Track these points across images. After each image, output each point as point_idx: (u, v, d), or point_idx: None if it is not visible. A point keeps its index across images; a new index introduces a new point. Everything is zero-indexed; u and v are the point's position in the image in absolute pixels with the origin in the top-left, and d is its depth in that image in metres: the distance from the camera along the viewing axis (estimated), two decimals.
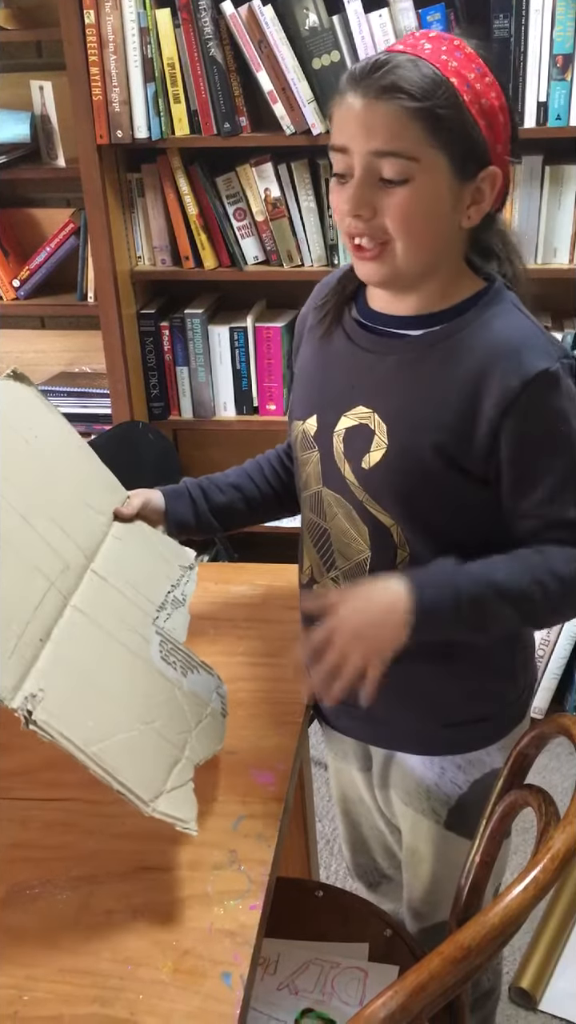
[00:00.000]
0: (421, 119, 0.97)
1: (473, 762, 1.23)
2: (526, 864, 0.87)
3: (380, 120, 0.98)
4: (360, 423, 1.10)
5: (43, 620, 1.01)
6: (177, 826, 0.98)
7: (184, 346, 2.34)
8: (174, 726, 1.06)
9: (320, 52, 2.00)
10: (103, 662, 1.05)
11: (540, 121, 1.99)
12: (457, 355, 1.05)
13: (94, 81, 2.05)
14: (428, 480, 1.07)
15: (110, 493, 1.25)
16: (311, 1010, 1.21)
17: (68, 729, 0.95)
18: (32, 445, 1.16)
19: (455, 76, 0.99)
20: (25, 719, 0.93)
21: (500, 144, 1.03)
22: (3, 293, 2.40)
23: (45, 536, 1.08)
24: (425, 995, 0.81)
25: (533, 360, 1.01)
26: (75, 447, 1.25)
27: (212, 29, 2.01)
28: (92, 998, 0.92)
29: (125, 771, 0.96)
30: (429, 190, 1.00)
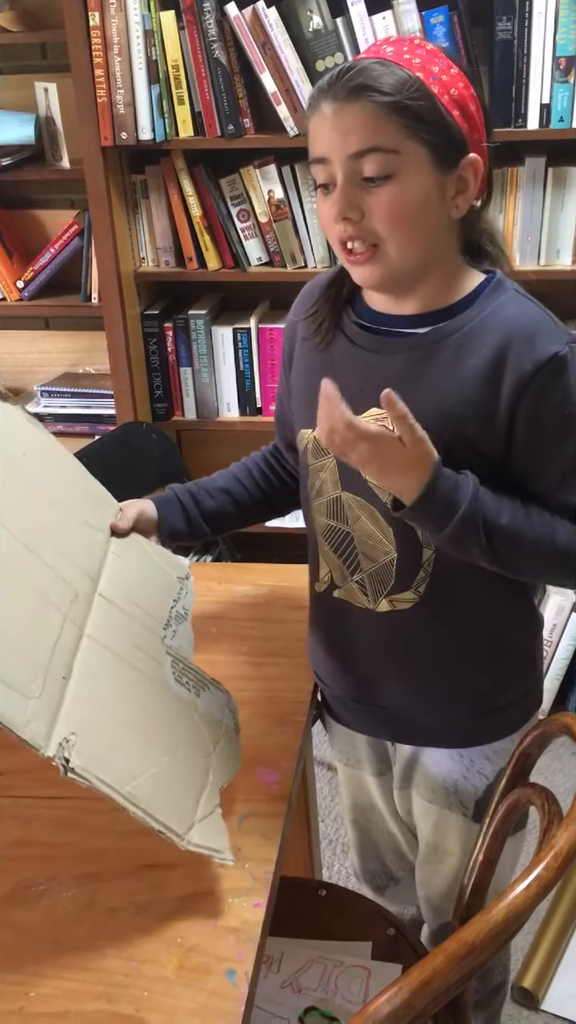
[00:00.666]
0: (395, 112, 0.98)
1: (500, 752, 1.23)
2: (529, 862, 0.87)
3: (355, 120, 0.99)
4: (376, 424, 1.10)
5: (63, 656, 0.99)
6: (214, 857, 0.98)
7: (188, 347, 2.35)
8: (196, 751, 1.06)
9: (324, 54, 2.00)
10: (124, 693, 1.04)
11: (543, 123, 2.00)
12: (469, 346, 1.06)
13: (98, 83, 2.06)
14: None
15: (103, 507, 1.24)
16: (314, 1008, 1.22)
17: (103, 771, 0.93)
18: (24, 466, 1.14)
19: (420, 71, 1.00)
20: (63, 768, 0.90)
21: (477, 132, 1.04)
22: (7, 294, 2.41)
23: (51, 564, 1.05)
24: (429, 991, 0.81)
25: (545, 344, 1.03)
26: (64, 462, 1.23)
27: (216, 31, 2.01)
28: (97, 995, 0.92)
29: (159, 807, 0.96)
30: (414, 184, 1.01)
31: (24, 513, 1.07)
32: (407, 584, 1.14)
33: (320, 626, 1.27)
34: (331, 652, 1.26)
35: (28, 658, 0.94)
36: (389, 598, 1.15)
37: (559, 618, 2.30)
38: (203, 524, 1.30)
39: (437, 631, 1.16)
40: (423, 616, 1.15)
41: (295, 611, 1.36)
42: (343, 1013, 1.21)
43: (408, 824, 1.37)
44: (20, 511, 1.07)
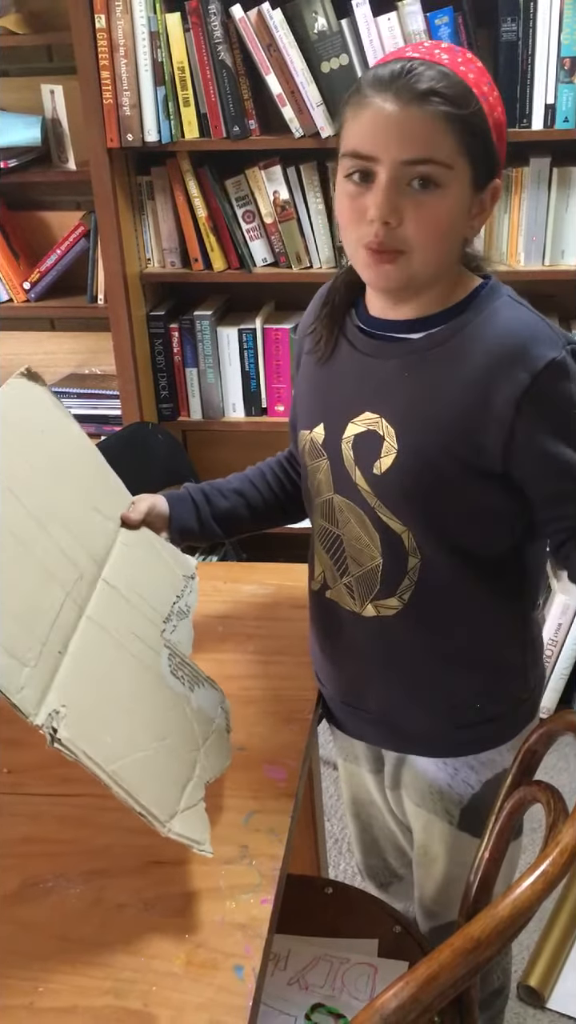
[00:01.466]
0: (458, 126, 0.97)
1: (486, 762, 1.23)
2: (535, 860, 0.88)
3: (419, 127, 0.97)
4: (368, 429, 1.10)
5: (62, 631, 1.00)
6: (193, 848, 0.98)
7: (193, 347, 2.35)
8: (185, 744, 1.06)
9: (329, 55, 2.01)
10: (118, 676, 1.04)
11: (547, 123, 2.00)
12: (461, 354, 1.05)
13: (104, 85, 2.07)
14: (441, 482, 1.07)
15: (117, 497, 1.24)
16: (321, 1005, 1.22)
17: (90, 747, 0.94)
18: (41, 443, 1.15)
19: (475, 87, 0.99)
20: (50, 737, 0.92)
21: (503, 156, 1.05)
22: (14, 295, 2.42)
23: (60, 543, 1.06)
24: (435, 986, 0.82)
25: (540, 351, 1.02)
26: (83, 448, 1.23)
27: (221, 33, 2.02)
28: (106, 990, 0.93)
29: (143, 791, 0.96)
30: (455, 199, 1.00)
31: (37, 488, 1.08)
32: (392, 591, 1.14)
33: (315, 624, 1.28)
34: (323, 651, 1.27)
35: (28, 628, 0.95)
36: (375, 603, 1.16)
37: (564, 617, 2.30)
38: (214, 525, 1.31)
39: (421, 639, 1.16)
40: (407, 623, 1.15)
41: (300, 610, 1.36)
42: (350, 1010, 1.21)
43: (405, 823, 1.38)
44: (34, 485, 1.08)
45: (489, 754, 1.23)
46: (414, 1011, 0.82)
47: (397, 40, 1.97)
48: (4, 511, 1.01)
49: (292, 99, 2.03)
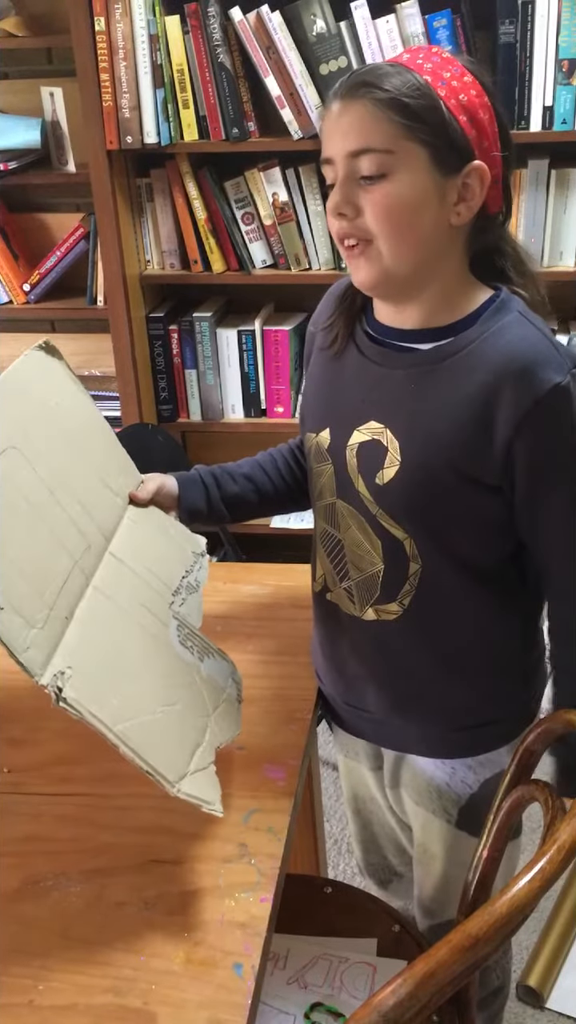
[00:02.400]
0: (391, 110, 0.98)
1: (484, 763, 1.23)
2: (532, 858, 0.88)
3: (352, 118, 0.99)
4: (373, 438, 1.10)
5: (68, 598, 1.01)
6: (203, 807, 0.99)
7: (193, 349, 2.36)
8: (194, 710, 1.07)
9: (327, 58, 2.02)
10: (125, 643, 1.05)
11: (546, 125, 2.01)
12: (466, 370, 1.04)
13: (104, 87, 2.07)
14: (444, 496, 1.07)
15: (126, 475, 1.25)
16: (320, 1004, 1.22)
17: (96, 707, 0.95)
18: (55, 415, 1.15)
19: (429, 75, 1.00)
20: (55, 696, 0.93)
21: (487, 140, 1.02)
22: (14, 297, 2.43)
23: (70, 513, 1.07)
24: (433, 983, 0.82)
25: (545, 375, 1.01)
26: (96, 424, 1.24)
27: (221, 35, 2.03)
28: (105, 988, 0.93)
29: (151, 752, 0.97)
30: (408, 184, 0.99)
31: (50, 458, 1.09)
32: (392, 596, 1.14)
33: (317, 625, 1.29)
34: (324, 651, 1.28)
35: (37, 591, 0.96)
36: (375, 607, 1.16)
37: None
38: (222, 507, 1.31)
39: (422, 644, 1.17)
40: (408, 628, 1.15)
41: (300, 610, 1.37)
42: (349, 1009, 1.21)
43: (405, 821, 1.38)
44: (47, 455, 1.08)
45: (488, 755, 1.23)
46: (412, 1008, 0.82)
47: (395, 42, 1.97)
48: (19, 476, 1.02)
49: (291, 101, 2.04)
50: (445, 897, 1.33)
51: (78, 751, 1.21)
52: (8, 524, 0.98)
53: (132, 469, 1.27)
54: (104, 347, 2.41)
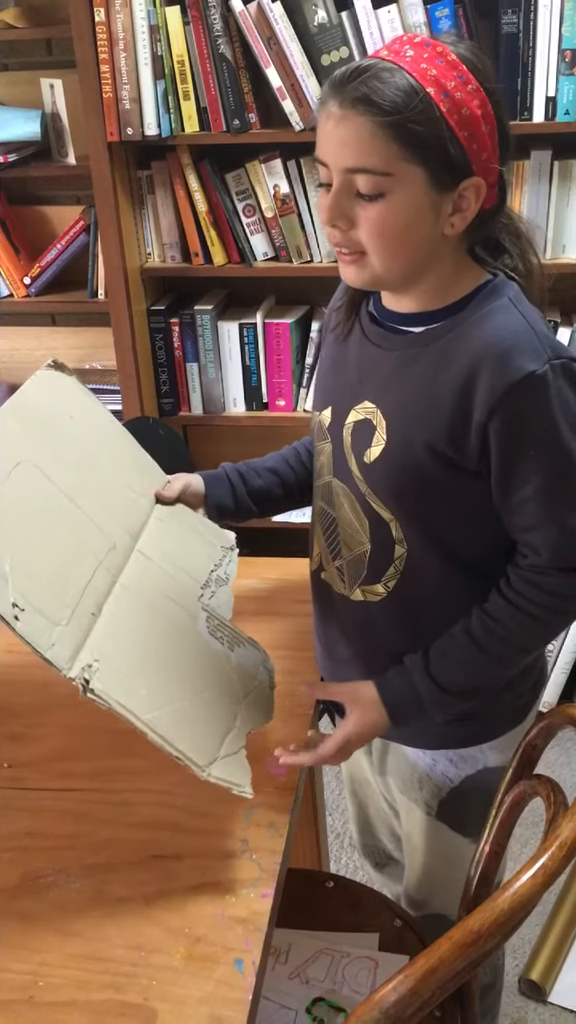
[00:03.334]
0: (392, 133, 0.96)
1: (466, 758, 1.23)
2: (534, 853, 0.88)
3: (351, 135, 0.98)
4: (365, 417, 1.11)
5: (94, 596, 1.05)
6: (233, 790, 1.02)
7: (194, 342, 2.35)
8: (224, 697, 1.10)
9: (329, 48, 2.00)
10: (153, 636, 1.08)
11: (548, 116, 1.99)
12: (450, 354, 1.05)
13: (104, 78, 2.06)
14: (424, 478, 1.07)
15: (150, 476, 1.29)
16: (322, 999, 1.22)
17: (124, 698, 0.98)
18: (71, 429, 1.20)
19: (433, 85, 0.96)
20: (83, 687, 0.96)
21: (485, 152, 1.01)
22: (14, 290, 2.42)
23: (91, 515, 1.12)
24: (435, 979, 0.82)
25: (520, 362, 1.00)
26: (114, 432, 1.28)
27: (221, 26, 2.02)
28: (106, 984, 0.93)
29: (179, 738, 1.00)
30: (404, 204, 0.99)
31: (68, 467, 1.14)
32: (377, 577, 1.15)
33: (313, 605, 1.30)
34: (318, 632, 1.30)
35: (58, 593, 1.01)
36: (362, 588, 1.17)
37: None
38: (249, 502, 1.33)
39: (404, 629, 1.17)
40: (391, 611, 1.16)
41: (301, 604, 1.36)
42: (350, 1004, 1.21)
43: (395, 808, 1.38)
44: (65, 465, 1.14)
45: (470, 750, 1.23)
46: (413, 1004, 0.82)
47: (397, 32, 1.96)
48: (35, 488, 1.08)
49: (292, 92, 2.03)
50: (429, 889, 1.34)
51: (79, 746, 1.21)
52: (27, 533, 1.03)
53: (156, 470, 1.31)
54: (105, 340, 2.40)
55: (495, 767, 1.23)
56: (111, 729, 1.03)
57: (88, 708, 1.03)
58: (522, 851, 1.99)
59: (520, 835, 1.98)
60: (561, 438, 1.02)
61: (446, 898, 1.32)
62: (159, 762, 1.05)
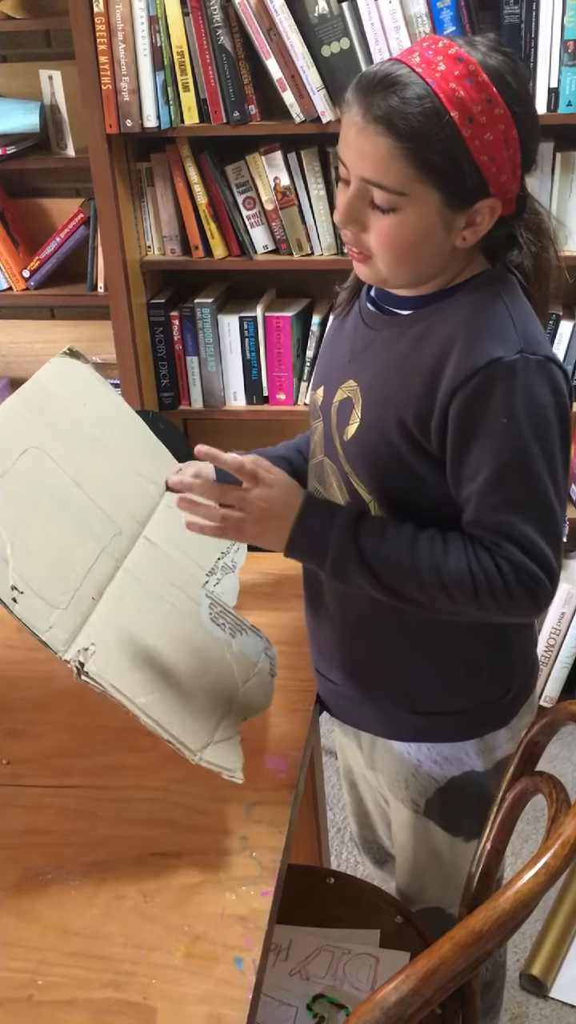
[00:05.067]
0: (409, 157, 0.97)
1: (450, 759, 1.23)
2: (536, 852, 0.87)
3: (370, 149, 0.98)
4: (348, 396, 1.13)
5: (96, 580, 1.06)
6: (223, 774, 1.02)
7: (194, 335, 2.34)
8: (222, 683, 1.10)
9: (329, 39, 1.99)
10: (154, 621, 1.09)
11: (551, 107, 1.98)
12: (427, 336, 1.05)
13: (103, 70, 2.05)
14: (394, 457, 1.07)
15: (161, 463, 1.29)
16: (323, 995, 1.22)
17: (118, 681, 0.99)
18: (83, 416, 1.21)
19: (458, 109, 0.96)
20: (77, 670, 0.97)
21: (505, 175, 1.01)
22: (13, 283, 2.41)
23: (97, 501, 1.14)
24: (436, 979, 0.82)
25: (489, 348, 0.99)
26: (127, 420, 1.29)
27: (221, 17, 2.00)
28: (105, 982, 0.92)
29: (173, 722, 1.01)
30: (416, 222, 1.00)
31: (77, 453, 1.16)
32: None
33: (304, 585, 1.29)
34: (307, 617, 1.29)
35: (59, 577, 1.03)
36: None
37: (567, 606, 2.30)
38: None
39: (382, 614, 1.15)
40: (372, 599, 1.14)
41: (302, 600, 1.35)
42: (351, 1000, 1.21)
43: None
44: (73, 450, 1.15)
45: (451, 749, 1.22)
46: (414, 1004, 0.81)
47: (398, 23, 1.94)
48: (41, 473, 1.10)
49: (292, 84, 2.01)
50: (419, 884, 1.34)
51: (78, 743, 1.20)
52: (30, 518, 1.05)
53: (168, 458, 1.32)
54: (104, 334, 2.39)
55: (482, 771, 1.23)
56: (110, 726, 1.03)
57: (88, 704, 1.03)
58: (523, 846, 1.99)
59: (521, 830, 1.98)
60: (518, 433, 1.00)
61: (438, 892, 1.32)
62: (159, 759, 1.05)
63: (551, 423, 1.01)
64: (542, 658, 2.32)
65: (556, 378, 1.02)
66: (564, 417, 1.02)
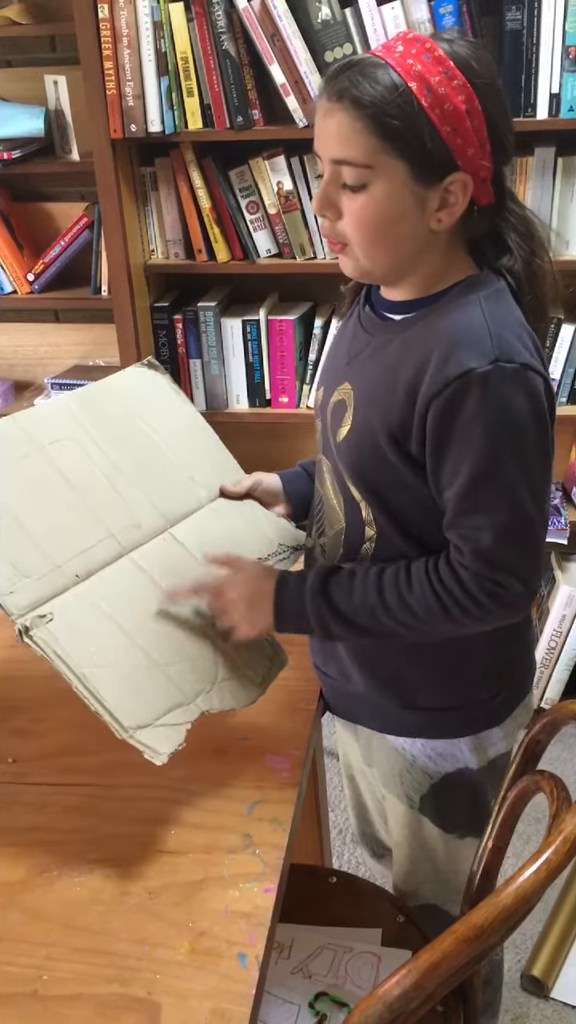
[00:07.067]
0: (370, 126, 0.99)
1: (444, 755, 1.23)
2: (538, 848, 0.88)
3: (335, 127, 1.01)
4: (342, 398, 1.15)
5: (87, 562, 1.10)
6: (146, 754, 1.02)
7: (197, 339, 2.35)
8: (193, 675, 1.11)
9: (333, 45, 2.00)
10: (135, 605, 1.12)
11: (552, 112, 1.99)
12: (412, 343, 1.07)
13: (108, 75, 2.06)
14: (380, 462, 1.09)
15: (222, 472, 1.33)
16: (325, 994, 1.22)
17: (64, 650, 1.02)
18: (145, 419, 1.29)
19: (416, 80, 0.98)
20: (20, 632, 1.01)
21: (471, 148, 1.01)
22: (18, 287, 2.42)
23: (124, 495, 1.19)
24: (438, 974, 0.82)
25: (463, 358, 1.00)
26: (196, 429, 1.35)
27: (225, 23, 2.01)
28: (110, 978, 0.93)
29: (110, 696, 1.02)
30: (385, 196, 1.02)
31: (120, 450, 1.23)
32: (352, 557, 1.17)
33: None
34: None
35: (42, 551, 1.08)
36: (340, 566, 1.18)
37: (569, 608, 2.30)
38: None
39: None
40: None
41: None
42: (353, 999, 1.21)
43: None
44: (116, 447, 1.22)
45: (446, 746, 1.23)
46: (416, 999, 0.82)
47: (401, 29, 1.96)
48: (69, 462, 1.18)
49: (296, 89, 2.03)
50: (415, 880, 1.35)
51: (83, 741, 1.21)
52: (38, 496, 1.13)
53: (233, 468, 1.36)
54: (108, 337, 2.40)
55: (476, 769, 1.23)
56: None
57: None
58: (524, 847, 1.99)
59: (523, 831, 1.99)
60: (491, 442, 1.00)
61: (434, 888, 1.33)
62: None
63: (526, 430, 1.01)
64: (543, 661, 2.33)
65: (533, 384, 1.01)
66: (541, 423, 1.03)
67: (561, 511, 2.30)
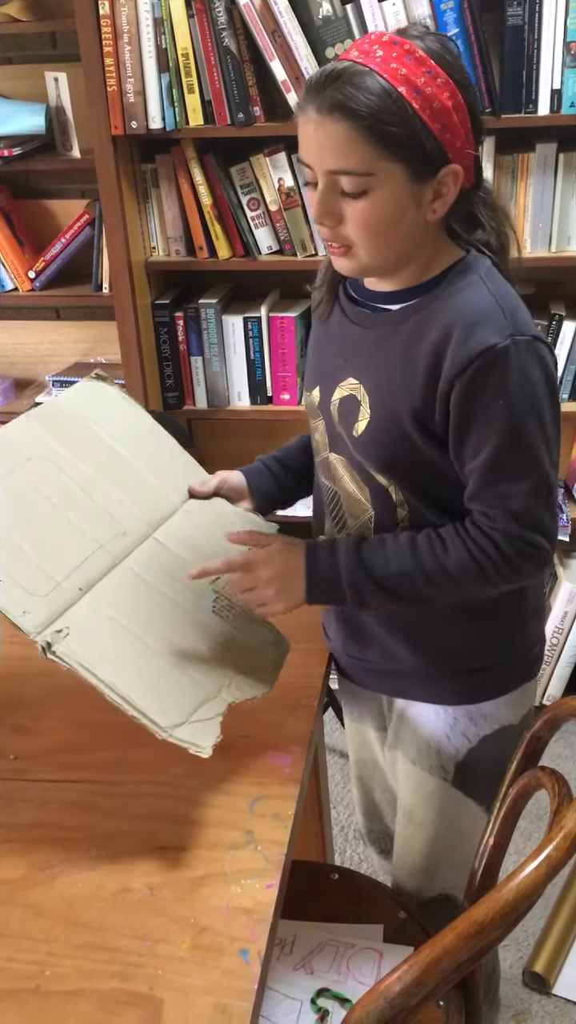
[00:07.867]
0: (369, 136, 1.01)
1: (486, 715, 1.26)
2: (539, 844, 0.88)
3: (331, 140, 1.03)
4: (350, 394, 1.16)
5: (86, 574, 1.12)
6: (190, 749, 1.04)
7: (198, 336, 2.35)
8: (212, 670, 1.13)
9: (333, 41, 2.00)
10: (143, 609, 1.13)
11: (554, 108, 1.99)
12: (422, 330, 1.09)
13: (108, 72, 2.06)
14: (408, 447, 1.12)
15: (187, 475, 1.35)
16: (327, 990, 1.23)
17: (87, 659, 1.03)
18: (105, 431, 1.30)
19: (404, 84, 1.01)
20: (43, 648, 1.02)
21: (459, 140, 1.06)
22: (19, 284, 2.42)
23: (104, 506, 1.21)
24: (439, 970, 0.82)
25: (483, 336, 1.04)
26: (155, 436, 1.37)
27: (226, 19, 2.01)
28: (112, 973, 0.93)
29: (142, 699, 1.03)
30: (387, 199, 1.05)
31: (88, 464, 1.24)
32: None
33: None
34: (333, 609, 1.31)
35: (42, 569, 1.10)
36: None
37: (570, 605, 2.30)
38: (293, 483, 1.37)
39: None
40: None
41: None
42: (355, 995, 1.21)
43: (396, 790, 1.39)
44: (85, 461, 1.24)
45: (488, 706, 1.26)
46: (417, 994, 0.82)
47: (402, 25, 1.95)
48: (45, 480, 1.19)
49: (297, 85, 2.02)
50: (433, 866, 1.35)
51: (84, 738, 1.22)
52: (25, 517, 1.14)
53: (197, 470, 1.38)
54: (109, 334, 2.40)
55: (510, 725, 1.26)
56: (116, 721, 1.04)
57: (93, 700, 1.03)
58: (526, 844, 1.99)
59: (524, 828, 1.99)
60: (516, 412, 1.06)
61: (449, 875, 1.33)
62: (164, 754, 1.06)
63: (542, 398, 1.07)
64: (544, 659, 2.33)
65: (543, 355, 1.08)
66: (553, 390, 1.09)
67: (563, 508, 2.30)
